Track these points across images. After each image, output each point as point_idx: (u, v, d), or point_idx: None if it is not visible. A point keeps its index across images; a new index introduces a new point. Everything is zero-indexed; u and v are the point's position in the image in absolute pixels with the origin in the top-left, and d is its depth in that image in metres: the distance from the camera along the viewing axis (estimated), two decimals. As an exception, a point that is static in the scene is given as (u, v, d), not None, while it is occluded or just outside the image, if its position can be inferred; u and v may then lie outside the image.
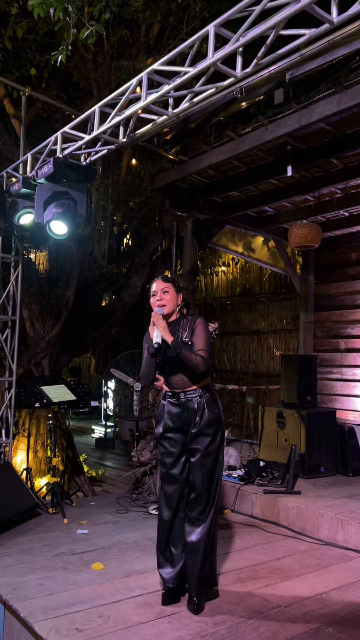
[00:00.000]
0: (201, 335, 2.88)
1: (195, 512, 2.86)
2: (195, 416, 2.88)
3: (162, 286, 2.94)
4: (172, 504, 2.92)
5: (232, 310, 9.45)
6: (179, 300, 2.99)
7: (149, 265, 6.75)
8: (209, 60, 2.74)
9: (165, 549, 2.93)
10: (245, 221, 6.52)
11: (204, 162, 5.02)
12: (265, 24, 2.51)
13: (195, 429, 2.87)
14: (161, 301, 2.91)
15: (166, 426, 2.96)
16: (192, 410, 2.90)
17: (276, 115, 4.32)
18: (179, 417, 2.93)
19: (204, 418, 2.88)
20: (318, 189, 5.39)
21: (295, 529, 4.21)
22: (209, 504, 2.86)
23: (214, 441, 2.88)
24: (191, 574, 2.85)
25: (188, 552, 2.86)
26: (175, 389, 2.95)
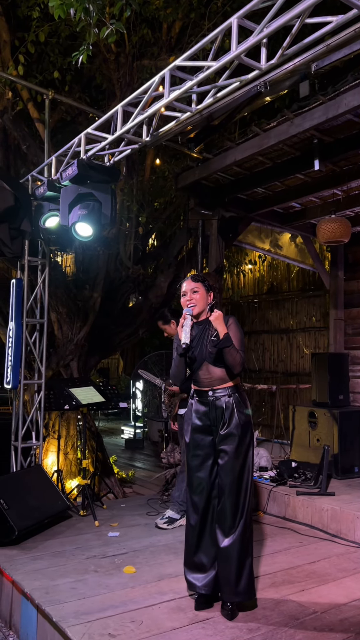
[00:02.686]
0: (236, 335, 2.85)
1: (226, 518, 2.78)
2: (223, 416, 2.83)
3: (191, 286, 2.91)
4: (199, 508, 2.85)
5: (260, 309, 9.33)
6: (209, 299, 2.95)
7: (175, 265, 6.70)
8: (233, 53, 2.68)
9: (195, 555, 2.86)
10: (271, 218, 6.41)
11: (229, 159, 4.95)
12: (290, 13, 2.44)
13: (224, 429, 2.82)
14: (191, 301, 2.89)
15: (194, 425, 2.91)
16: (220, 409, 2.84)
17: (302, 108, 4.22)
18: (207, 416, 2.88)
19: (234, 418, 2.82)
20: (346, 182, 5.25)
21: (330, 531, 4.11)
22: (239, 509, 2.78)
23: (243, 442, 2.82)
24: (225, 583, 2.77)
25: (221, 560, 2.79)
26: (204, 387, 2.90)
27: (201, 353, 2.88)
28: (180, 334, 2.78)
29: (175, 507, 4.40)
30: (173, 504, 4.43)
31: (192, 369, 2.92)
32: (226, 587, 2.77)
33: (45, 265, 5.18)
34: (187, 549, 2.92)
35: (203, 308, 2.92)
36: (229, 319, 2.91)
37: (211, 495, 2.87)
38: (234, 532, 2.76)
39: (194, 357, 2.87)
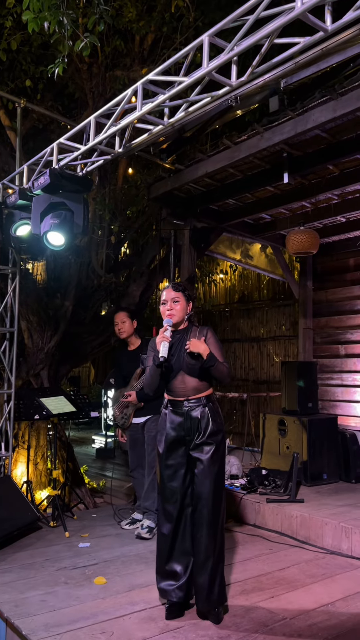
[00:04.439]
0: (216, 346, 2.90)
1: (202, 527, 2.81)
2: (199, 426, 2.86)
3: (172, 295, 2.93)
4: (173, 517, 2.87)
5: (231, 318, 9.44)
6: (188, 309, 2.98)
7: (147, 274, 6.73)
8: (204, 70, 2.74)
9: (167, 563, 2.88)
10: (242, 228, 6.52)
11: (200, 171, 5.03)
12: (260, 33, 2.51)
13: (199, 439, 2.85)
14: (171, 311, 2.91)
15: (169, 436, 2.91)
16: (195, 419, 2.87)
17: (271, 122, 4.33)
18: (181, 426, 2.89)
19: (209, 428, 2.86)
20: (315, 195, 5.39)
21: (299, 538, 4.18)
22: (215, 517, 2.82)
23: (218, 451, 2.87)
24: (200, 591, 2.81)
25: (197, 569, 2.82)
26: (178, 396, 2.92)
27: (177, 363, 2.89)
28: (159, 346, 2.80)
29: (151, 516, 4.46)
30: (148, 513, 4.47)
31: (167, 378, 2.93)
32: (201, 597, 2.80)
33: (16, 274, 5.14)
34: (159, 557, 2.93)
35: (182, 318, 2.95)
36: (207, 332, 2.95)
37: (184, 504, 2.89)
38: (210, 542, 2.79)
39: (170, 367, 2.88)
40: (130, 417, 4.57)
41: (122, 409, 4.60)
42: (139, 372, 4.52)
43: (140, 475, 4.61)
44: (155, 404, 4.55)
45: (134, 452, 4.64)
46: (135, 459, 4.64)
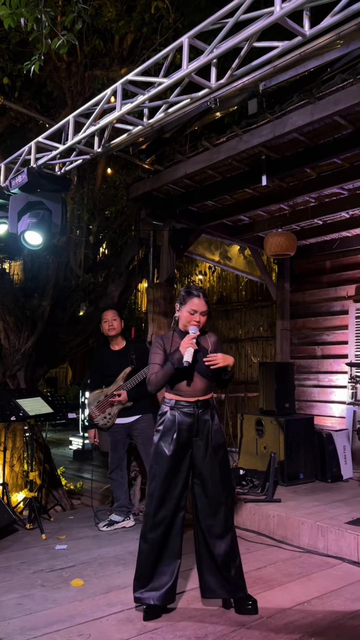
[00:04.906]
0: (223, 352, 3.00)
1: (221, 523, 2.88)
2: (206, 426, 2.90)
3: (203, 309, 2.95)
4: (166, 523, 2.86)
5: (210, 319, 9.46)
6: None
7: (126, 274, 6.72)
8: (184, 72, 2.75)
9: (155, 570, 2.86)
10: (221, 230, 6.55)
11: (180, 172, 5.04)
12: (239, 36, 2.53)
13: (210, 439, 2.90)
14: (199, 323, 2.93)
15: (179, 438, 2.88)
16: (204, 420, 2.90)
17: (250, 125, 4.36)
18: (190, 427, 2.89)
19: (215, 427, 2.93)
20: (292, 198, 5.45)
21: (277, 537, 4.21)
22: (230, 511, 2.92)
23: (225, 450, 2.98)
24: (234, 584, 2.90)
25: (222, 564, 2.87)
26: (188, 397, 2.92)
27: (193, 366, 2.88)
28: (183, 350, 2.81)
29: (117, 511, 4.55)
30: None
31: (180, 378, 2.91)
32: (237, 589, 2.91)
33: (-7, 273, 5.08)
34: (142, 566, 2.88)
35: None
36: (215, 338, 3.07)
37: (180, 506, 2.90)
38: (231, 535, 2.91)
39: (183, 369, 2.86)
40: (115, 417, 4.54)
41: (105, 409, 4.55)
42: (127, 372, 4.51)
43: (119, 477, 4.60)
44: (143, 404, 4.57)
45: (115, 454, 4.61)
46: (115, 461, 4.61)
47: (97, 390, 4.63)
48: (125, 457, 4.67)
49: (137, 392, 4.50)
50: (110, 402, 4.51)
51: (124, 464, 4.64)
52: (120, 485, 4.60)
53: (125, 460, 4.66)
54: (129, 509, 4.61)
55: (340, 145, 4.38)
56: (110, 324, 4.58)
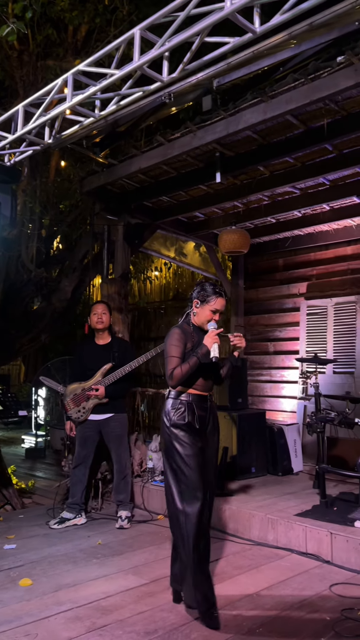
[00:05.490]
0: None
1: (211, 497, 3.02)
2: (213, 421, 3.03)
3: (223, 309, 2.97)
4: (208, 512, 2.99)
5: (166, 315, 9.46)
6: None
7: (80, 269, 6.63)
8: (135, 64, 2.73)
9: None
10: (176, 226, 6.55)
11: (134, 167, 5.00)
12: (190, 30, 2.53)
13: (212, 429, 3.01)
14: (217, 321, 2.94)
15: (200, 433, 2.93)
16: (214, 415, 3.04)
17: (204, 121, 4.37)
18: (204, 420, 2.95)
19: (215, 418, 3.06)
20: (246, 195, 5.50)
21: (228, 530, 4.25)
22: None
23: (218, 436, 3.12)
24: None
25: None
26: (204, 391, 2.98)
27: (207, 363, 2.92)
28: (210, 346, 2.80)
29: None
30: (123, 505, 4.52)
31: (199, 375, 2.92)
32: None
33: None
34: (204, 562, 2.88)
35: None
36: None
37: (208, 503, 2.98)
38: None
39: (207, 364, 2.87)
40: (89, 412, 4.51)
41: (80, 402, 4.51)
42: (107, 368, 4.49)
43: (81, 474, 4.57)
44: (118, 402, 4.58)
45: (83, 449, 4.57)
46: (82, 457, 4.57)
47: (75, 383, 4.59)
48: (92, 455, 4.63)
49: (115, 390, 4.50)
50: (86, 395, 4.49)
51: (89, 462, 4.60)
52: (80, 482, 4.56)
53: (91, 458, 4.62)
54: (82, 507, 4.57)
55: (292, 144, 4.45)
56: (100, 317, 4.58)
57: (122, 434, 4.59)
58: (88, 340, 4.77)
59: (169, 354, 2.90)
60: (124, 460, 4.59)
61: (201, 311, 2.95)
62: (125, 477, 4.58)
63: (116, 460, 4.57)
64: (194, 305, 2.99)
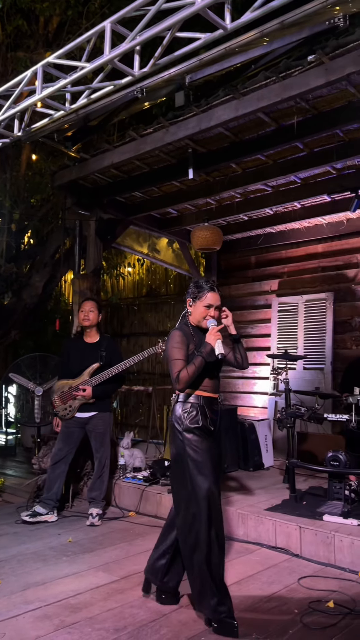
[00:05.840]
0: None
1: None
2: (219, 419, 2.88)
3: (218, 302, 2.85)
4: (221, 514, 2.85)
5: (139, 311, 9.43)
6: None
7: (51, 264, 6.55)
8: (106, 57, 2.70)
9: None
10: (149, 222, 6.53)
11: (106, 161, 4.96)
12: (161, 25, 2.52)
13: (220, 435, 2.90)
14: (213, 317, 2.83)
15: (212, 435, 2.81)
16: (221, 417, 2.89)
17: (177, 117, 4.36)
18: (214, 423, 2.83)
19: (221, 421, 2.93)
20: (219, 192, 5.52)
21: (199, 526, 4.27)
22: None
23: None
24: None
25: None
26: (213, 393, 2.87)
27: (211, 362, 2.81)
28: (213, 343, 2.71)
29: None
30: (95, 502, 4.50)
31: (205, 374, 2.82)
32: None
33: None
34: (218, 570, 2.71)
35: None
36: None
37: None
38: None
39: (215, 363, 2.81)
40: (75, 410, 4.50)
41: (67, 401, 4.51)
42: (95, 368, 4.48)
43: (60, 471, 4.54)
44: (102, 403, 4.57)
45: (65, 446, 4.55)
46: (63, 453, 4.55)
47: (64, 380, 4.58)
48: (73, 453, 4.61)
49: (102, 390, 4.50)
50: (73, 395, 4.48)
51: (69, 459, 4.58)
52: (59, 478, 4.54)
53: (72, 456, 4.60)
54: (56, 504, 4.53)
55: (264, 142, 4.48)
56: (86, 315, 4.56)
57: (104, 432, 4.59)
58: (77, 338, 4.77)
59: (172, 357, 2.76)
60: (104, 458, 4.58)
61: (195, 309, 2.86)
62: (102, 475, 4.57)
63: (96, 457, 4.58)
64: (187, 305, 2.90)
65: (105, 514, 4.62)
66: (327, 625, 2.66)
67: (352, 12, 3.38)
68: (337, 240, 6.35)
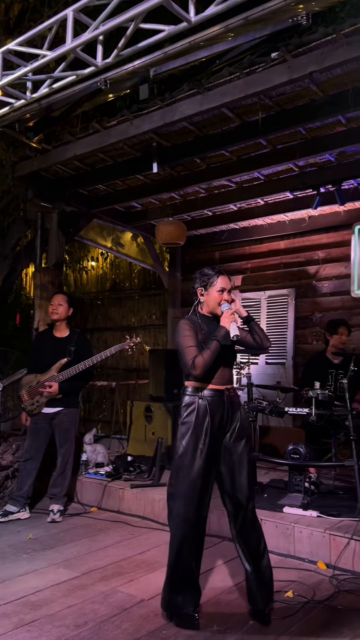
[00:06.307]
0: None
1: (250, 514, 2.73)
2: (235, 414, 2.75)
3: (230, 285, 2.80)
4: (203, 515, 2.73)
5: (103, 306, 9.35)
6: None
7: (12, 257, 6.41)
8: (68, 46, 2.66)
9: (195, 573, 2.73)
10: (113, 216, 6.48)
11: (69, 153, 4.88)
12: (125, 15, 2.49)
13: (237, 428, 2.74)
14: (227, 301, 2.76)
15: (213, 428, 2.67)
16: (232, 407, 2.75)
17: (141, 110, 4.32)
18: (222, 417, 2.71)
19: (242, 415, 2.79)
20: (183, 187, 5.52)
21: (161, 520, 4.27)
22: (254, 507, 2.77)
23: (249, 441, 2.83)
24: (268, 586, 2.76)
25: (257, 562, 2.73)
26: (219, 385, 2.73)
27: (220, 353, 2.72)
28: (228, 326, 2.65)
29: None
30: (56, 499, 4.44)
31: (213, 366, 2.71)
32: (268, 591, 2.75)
33: None
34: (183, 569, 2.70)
35: None
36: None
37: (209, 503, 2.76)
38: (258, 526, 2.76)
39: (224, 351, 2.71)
40: (42, 406, 4.44)
41: (34, 396, 4.44)
42: (62, 363, 4.42)
43: (31, 467, 4.47)
44: (69, 398, 4.51)
45: (34, 442, 4.49)
46: (33, 450, 4.48)
47: (32, 375, 4.52)
48: (44, 449, 4.53)
49: (69, 387, 4.44)
50: (40, 391, 4.41)
51: (40, 456, 4.51)
52: (30, 475, 4.47)
53: (42, 452, 4.52)
54: (27, 501, 4.47)
55: (228, 137, 4.50)
56: (55, 308, 4.51)
57: (69, 428, 4.53)
58: (46, 332, 4.72)
59: (184, 345, 2.68)
60: (67, 455, 4.53)
61: (208, 297, 2.77)
62: (65, 471, 4.52)
63: (59, 453, 4.52)
64: (199, 295, 2.81)
65: (67, 510, 4.58)
66: (286, 615, 2.72)
67: (315, 10, 3.44)
68: (299, 237, 6.45)
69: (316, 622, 2.68)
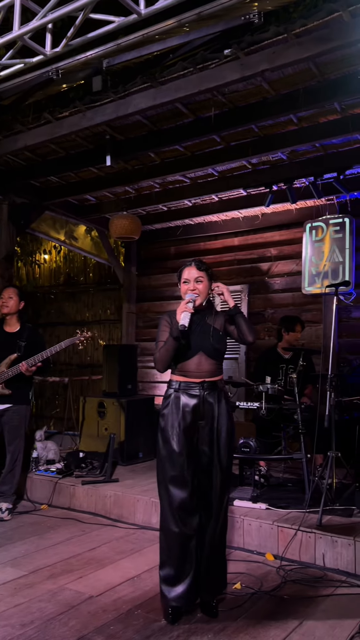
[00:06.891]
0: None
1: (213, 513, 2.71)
2: (213, 408, 2.70)
3: (196, 275, 2.73)
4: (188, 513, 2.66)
5: (56, 300, 9.19)
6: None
7: None
8: (15, 33, 2.58)
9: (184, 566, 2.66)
10: (66, 208, 6.37)
11: (20, 143, 4.75)
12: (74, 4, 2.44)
13: (215, 422, 2.70)
14: (194, 291, 2.71)
15: (185, 421, 2.65)
16: (209, 403, 2.69)
17: (94, 102, 4.26)
18: (196, 410, 2.67)
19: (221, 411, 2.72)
20: (137, 181, 5.48)
21: (113, 516, 4.27)
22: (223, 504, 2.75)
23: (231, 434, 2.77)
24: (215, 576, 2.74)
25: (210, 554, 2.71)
26: (193, 378, 2.70)
27: (197, 343, 2.70)
28: (179, 317, 2.60)
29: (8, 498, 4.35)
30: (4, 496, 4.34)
31: (184, 357, 2.70)
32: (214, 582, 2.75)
33: None
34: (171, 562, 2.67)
35: (205, 298, 2.78)
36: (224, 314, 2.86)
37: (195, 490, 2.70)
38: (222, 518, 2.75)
39: (188, 345, 2.68)
40: None
41: None
42: (12, 359, 4.29)
43: None
44: (19, 395, 4.37)
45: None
46: None
47: None
48: None
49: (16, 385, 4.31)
50: None
51: None
52: None
53: None
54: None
55: (182, 132, 4.49)
56: (5, 302, 4.39)
57: (18, 426, 4.42)
58: None
59: (157, 340, 2.75)
60: (17, 452, 4.42)
61: (180, 289, 2.81)
62: (14, 469, 4.42)
63: (8, 451, 4.41)
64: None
65: (16, 508, 4.49)
66: (234, 607, 2.76)
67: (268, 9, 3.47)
68: (253, 234, 6.52)
69: (263, 612, 2.73)
